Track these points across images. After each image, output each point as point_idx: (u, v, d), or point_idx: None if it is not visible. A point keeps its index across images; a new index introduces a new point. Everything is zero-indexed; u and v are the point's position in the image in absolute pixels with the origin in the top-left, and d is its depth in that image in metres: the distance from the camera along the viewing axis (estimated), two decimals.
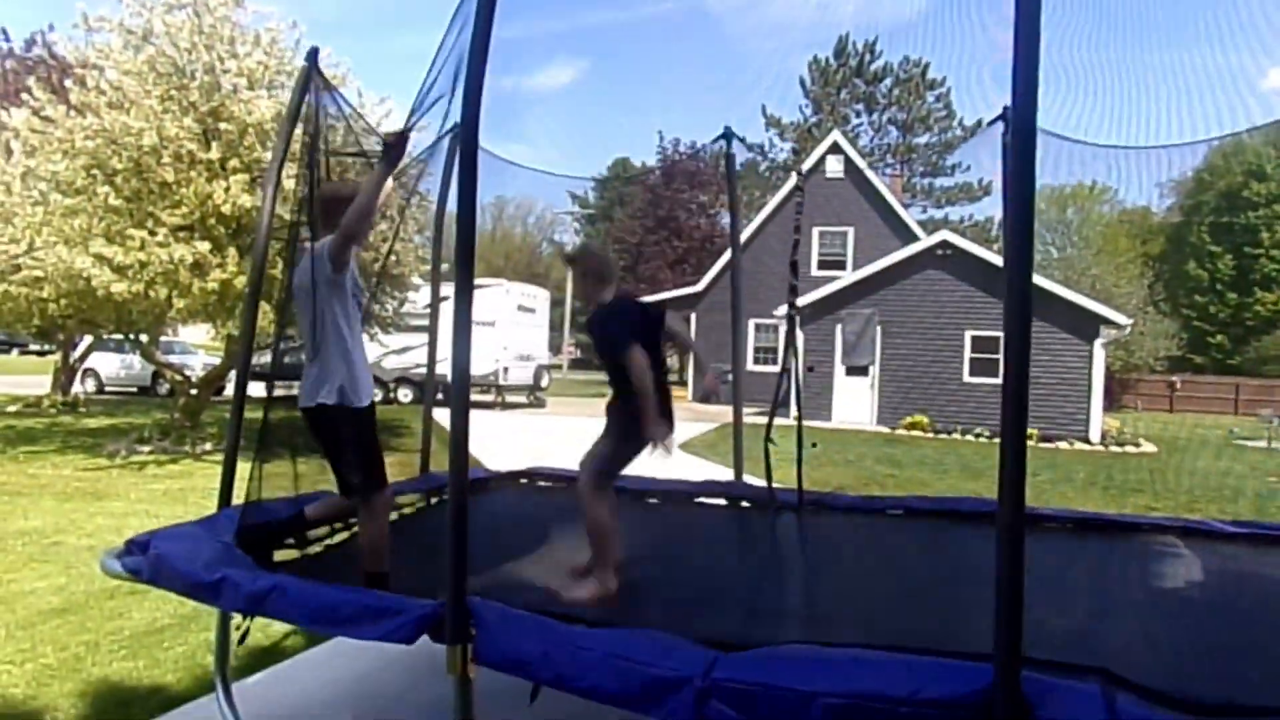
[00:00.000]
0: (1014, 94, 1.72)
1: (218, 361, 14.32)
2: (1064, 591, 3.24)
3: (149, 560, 2.93)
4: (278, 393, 3.63)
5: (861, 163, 25.20)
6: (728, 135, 4.81)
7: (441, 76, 3.22)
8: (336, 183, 3.72)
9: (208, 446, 11.07)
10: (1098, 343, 17.41)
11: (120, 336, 12.95)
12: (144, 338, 12.16)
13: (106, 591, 5.07)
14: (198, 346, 22.10)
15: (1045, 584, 3.10)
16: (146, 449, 10.79)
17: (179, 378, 12.68)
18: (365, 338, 11.78)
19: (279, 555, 3.41)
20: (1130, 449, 16.55)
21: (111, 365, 21.04)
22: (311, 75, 3.75)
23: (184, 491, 8.50)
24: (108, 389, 21.17)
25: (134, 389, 21.32)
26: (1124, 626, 2.90)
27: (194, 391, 12.37)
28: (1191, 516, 5.83)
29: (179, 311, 10.23)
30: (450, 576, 2.22)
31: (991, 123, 4.16)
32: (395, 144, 3.12)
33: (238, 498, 3.57)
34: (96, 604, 4.92)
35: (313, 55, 3.82)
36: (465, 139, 2.33)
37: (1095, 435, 17.14)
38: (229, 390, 16.72)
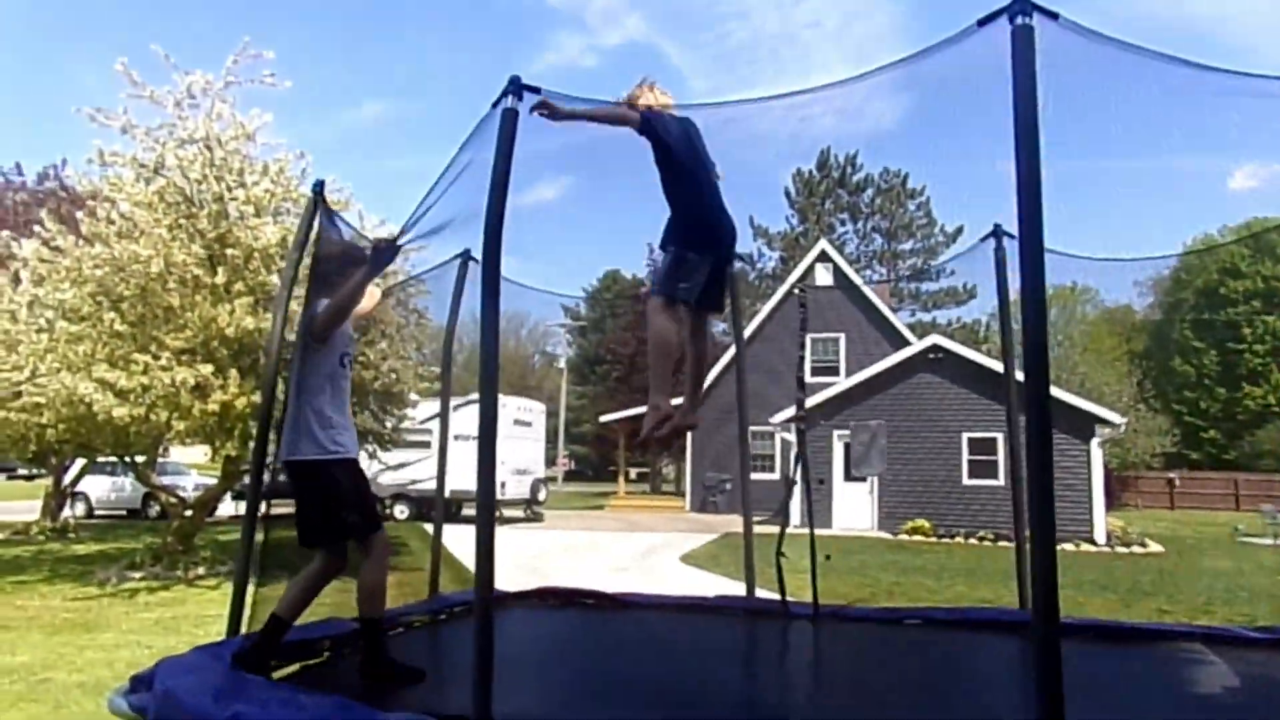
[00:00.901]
0: (1020, 224, 1.83)
1: (211, 482, 14.17)
2: (1097, 702, 3.17)
3: (156, 697, 2.85)
4: (278, 510, 3.64)
5: (850, 270, 25.87)
6: None
7: (443, 200, 3.37)
8: (340, 241, 3.87)
9: (201, 571, 10.81)
10: (1094, 442, 17.46)
11: (115, 459, 12.85)
12: (140, 459, 12.06)
13: None
14: (190, 466, 21.88)
15: (1076, 695, 3.03)
16: (138, 575, 10.52)
17: (173, 500, 12.51)
18: (363, 455, 11.63)
19: (279, 674, 3.32)
20: (1137, 549, 16.33)
21: (102, 488, 20.75)
22: (318, 205, 3.91)
23: (176, 620, 8.26)
24: (97, 512, 20.81)
25: (123, 511, 20.97)
26: None
27: (188, 513, 12.18)
28: (1212, 623, 5.73)
29: (178, 433, 10.20)
30: (475, 697, 2.17)
31: (984, 239, 4.31)
32: (384, 249, 3.28)
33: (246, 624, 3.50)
34: None
35: (319, 187, 4.00)
36: (488, 261, 2.42)
37: (1100, 536, 16.95)
38: (221, 510, 16.62)
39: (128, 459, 11.98)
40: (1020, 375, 1.93)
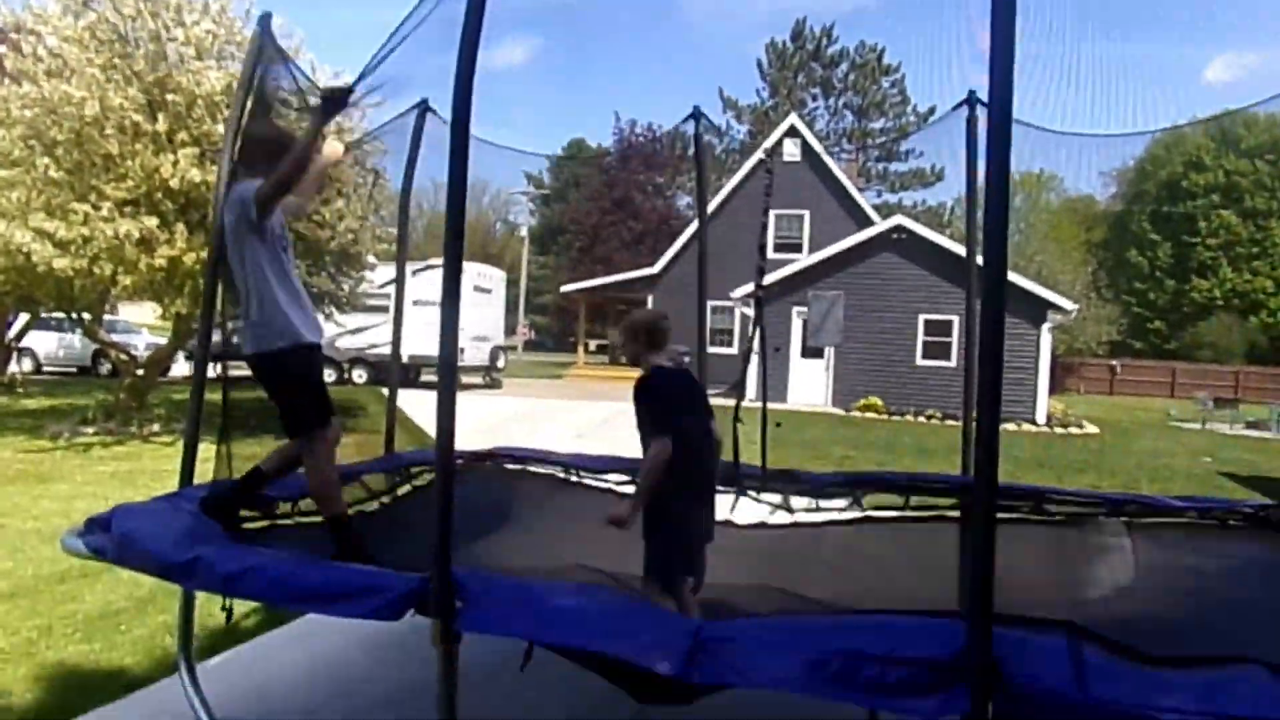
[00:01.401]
0: (991, 83, 1.76)
1: (162, 341, 13.93)
2: (1027, 556, 3.36)
3: (113, 539, 2.84)
4: (234, 372, 3.56)
5: (818, 147, 25.45)
6: (696, 116, 4.79)
7: (400, 49, 3.14)
8: (265, 122, 3.61)
9: (155, 428, 10.78)
10: (1045, 327, 17.89)
11: (61, 315, 12.50)
12: (86, 316, 11.76)
13: (56, 575, 4.94)
14: (140, 325, 21.45)
15: (1007, 553, 3.20)
16: (91, 430, 10.47)
17: (124, 357, 12.31)
18: (320, 317, 11.54)
19: (249, 525, 3.35)
20: (1075, 430, 17.08)
21: (49, 344, 20.31)
22: (264, 43, 3.64)
23: (132, 474, 8.28)
24: (46, 369, 20.46)
25: (73, 369, 20.65)
26: (1082, 594, 3.02)
27: (140, 372, 12.02)
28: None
29: (124, 289, 9.91)
30: (436, 549, 2.21)
31: (956, 107, 4.21)
32: (334, 98, 3.08)
33: (199, 478, 3.50)
34: (47, 588, 4.78)
35: (265, 21, 3.68)
36: (457, 117, 2.29)
37: (1041, 417, 17.65)
38: (175, 370, 16.43)
39: (74, 315, 11.67)
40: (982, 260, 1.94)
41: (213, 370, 3.60)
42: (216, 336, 3.62)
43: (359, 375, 20.30)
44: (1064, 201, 43.19)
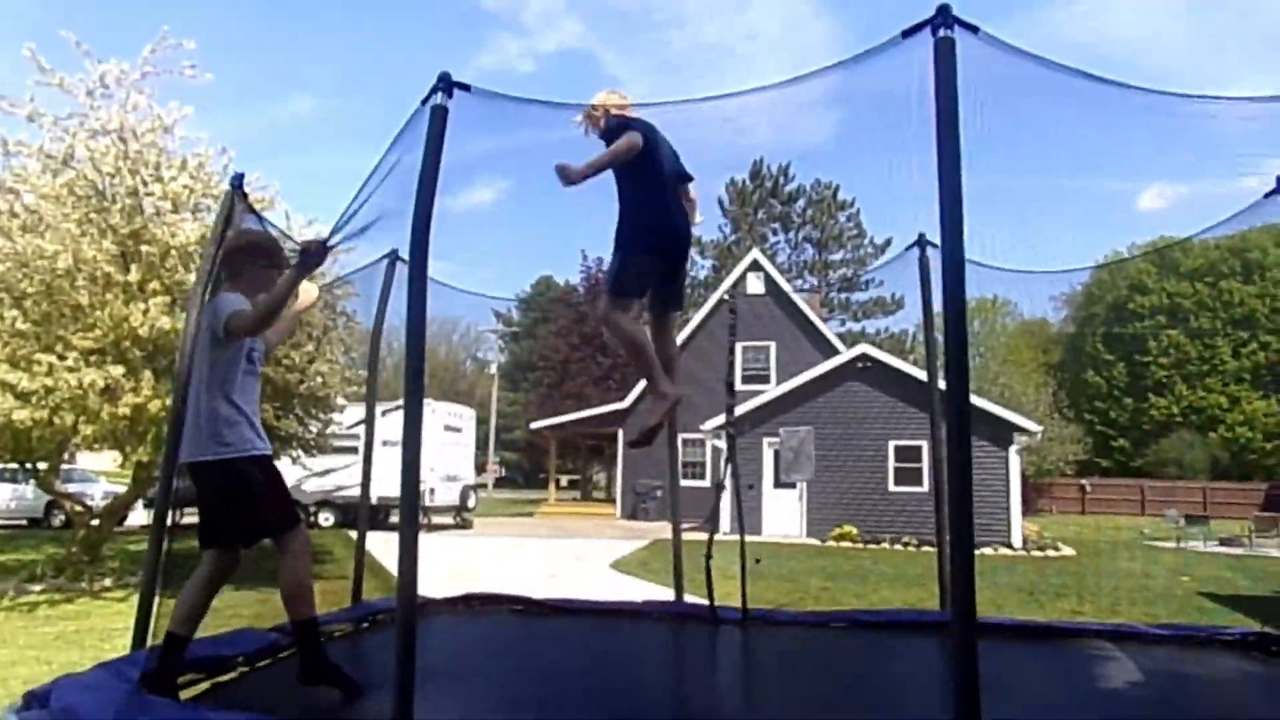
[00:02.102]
0: (942, 234, 1.87)
1: (121, 489, 13.53)
2: (1013, 697, 3.26)
3: (52, 714, 2.68)
4: (187, 521, 3.48)
5: (781, 279, 26.26)
6: None
7: (372, 199, 3.28)
8: (251, 231, 3.71)
9: (107, 583, 10.31)
10: (1012, 449, 18.08)
11: (14, 465, 12.15)
12: (42, 466, 11.44)
13: None
14: (98, 474, 20.89)
15: (993, 691, 3.12)
16: (38, 588, 9.98)
17: (79, 508, 11.91)
18: (287, 461, 11.32)
19: (188, 692, 3.17)
20: (1051, 552, 16.97)
21: (0, 496, 19.64)
22: (234, 200, 3.78)
23: (79, 634, 7.84)
24: None
25: (24, 521, 19.88)
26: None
27: (95, 522, 11.60)
28: (1119, 621, 5.98)
29: (85, 438, 9.70)
30: (395, 707, 2.10)
31: (908, 248, 4.42)
32: (313, 251, 3.16)
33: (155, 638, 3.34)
34: None
35: (237, 180, 3.86)
36: (415, 260, 2.36)
37: (1017, 540, 17.55)
38: (132, 519, 15.89)
39: (29, 465, 11.36)
40: (943, 384, 2.01)
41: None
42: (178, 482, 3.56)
43: (325, 518, 19.78)
44: (1019, 324, 44.68)
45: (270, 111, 77.98)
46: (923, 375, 16.02)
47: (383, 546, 7.57)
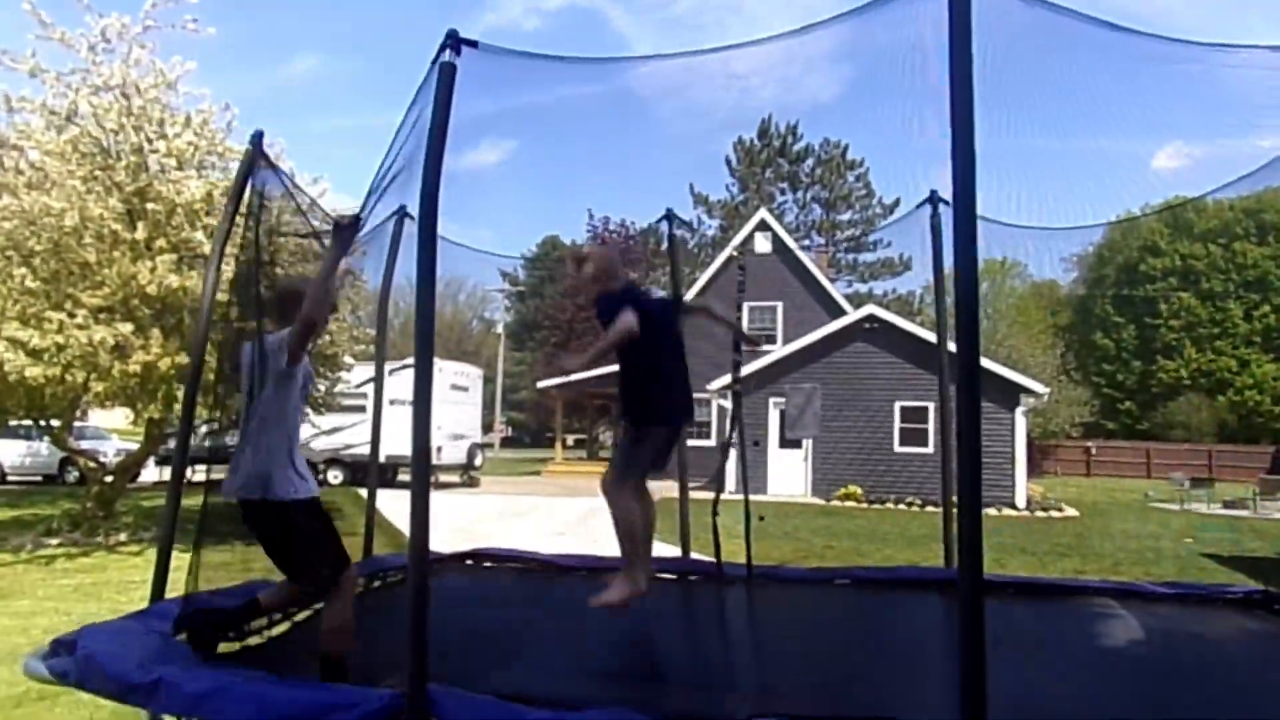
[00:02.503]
0: (954, 184, 1.85)
1: (133, 446, 13.67)
2: (1017, 654, 3.30)
3: (77, 661, 2.74)
4: (217, 476, 3.50)
5: (789, 239, 26.09)
6: (670, 217, 4.95)
7: (394, 162, 3.25)
8: (295, 278, 3.66)
9: (123, 537, 10.48)
10: (1019, 411, 18.09)
11: (28, 423, 12.27)
12: (55, 423, 11.56)
13: (13, 698, 4.69)
14: (110, 431, 21.09)
15: (997, 647, 3.16)
16: (55, 542, 10.15)
17: (92, 465, 12.05)
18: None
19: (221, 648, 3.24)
20: (1055, 513, 17.07)
21: (15, 452, 19.85)
22: (256, 157, 3.76)
23: (97, 586, 8.00)
24: (10, 478, 19.95)
25: (39, 477, 20.15)
26: (1073, 686, 2.97)
27: (109, 479, 11.75)
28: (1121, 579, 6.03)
29: (96, 395, 9.79)
30: (410, 663, 2.14)
31: (919, 205, 4.37)
32: (349, 226, 3.12)
33: (171, 590, 3.40)
34: (3, 714, 4.54)
35: (258, 137, 3.84)
36: (425, 220, 2.35)
37: (1021, 501, 17.65)
38: (144, 475, 16.08)
39: (42, 423, 11.47)
40: (953, 346, 2.00)
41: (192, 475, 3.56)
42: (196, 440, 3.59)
43: (335, 476, 19.99)
44: (1029, 286, 44.38)
45: (275, 70, 77.04)
46: (930, 336, 16.00)
47: (392, 504, 7.64)
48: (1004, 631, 3.51)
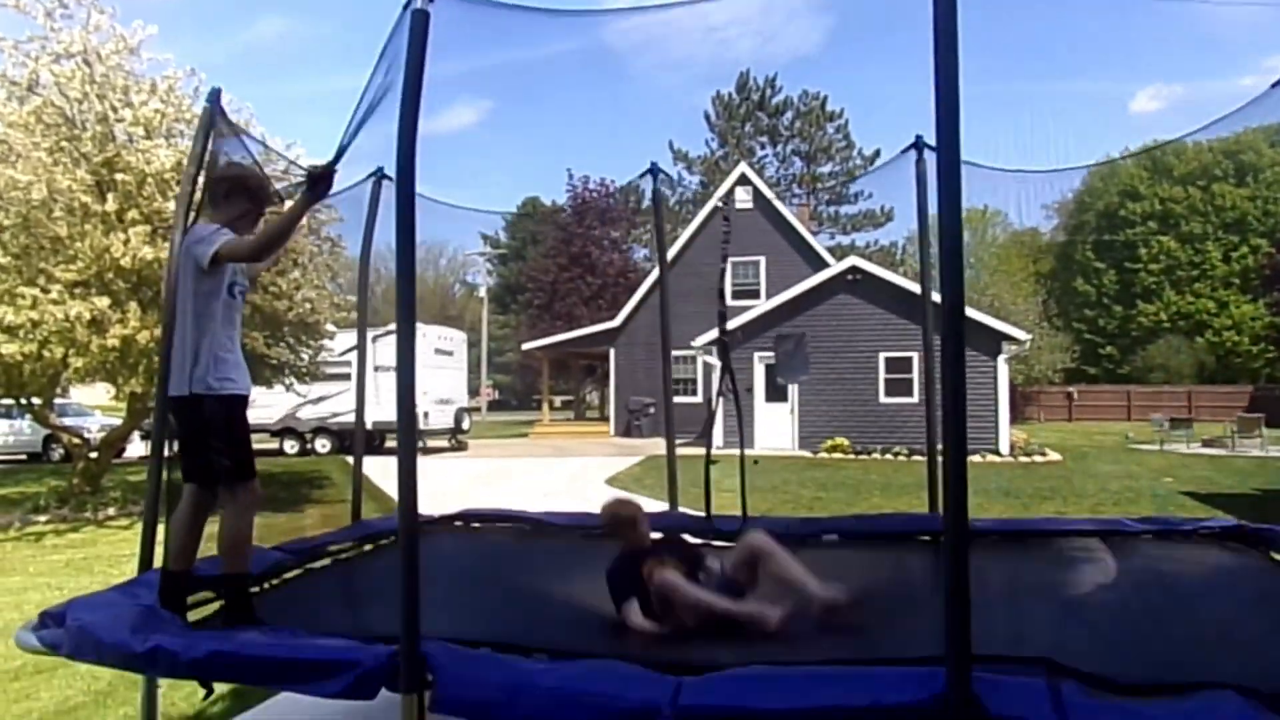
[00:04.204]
0: (938, 128, 1.83)
1: (116, 422, 13.58)
2: (1002, 594, 3.37)
3: (69, 632, 2.75)
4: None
5: (769, 193, 25.93)
6: (654, 171, 4.90)
7: (362, 120, 3.17)
8: (236, 165, 3.57)
9: (111, 511, 10.47)
10: (1001, 358, 18.24)
11: (9, 401, 12.16)
12: (36, 401, 11.45)
13: (10, 672, 4.72)
14: (93, 407, 20.92)
15: (984, 588, 3.22)
16: (43, 518, 10.13)
17: (76, 441, 11.98)
18: (280, 387, 11.32)
19: (200, 611, 3.25)
20: (1038, 458, 17.32)
21: None
22: (214, 118, 3.65)
23: (88, 560, 8.01)
24: None
25: (23, 456, 20.01)
26: (1058, 623, 3.04)
27: (94, 455, 11.70)
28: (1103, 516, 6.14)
29: (76, 371, 9.69)
30: (403, 620, 2.16)
31: (904, 150, 4.34)
32: (322, 176, 3.05)
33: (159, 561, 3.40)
34: (1, 686, 4.56)
35: (215, 96, 3.70)
36: (403, 175, 2.31)
37: (1005, 447, 17.89)
38: (130, 450, 15.99)
39: (23, 400, 11.36)
40: (936, 296, 2.01)
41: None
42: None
43: (322, 445, 19.96)
44: (1010, 235, 44.47)
45: (238, 34, 74.97)
46: (913, 287, 16.03)
47: (380, 471, 7.64)
48: (984, 571, 3.58)
